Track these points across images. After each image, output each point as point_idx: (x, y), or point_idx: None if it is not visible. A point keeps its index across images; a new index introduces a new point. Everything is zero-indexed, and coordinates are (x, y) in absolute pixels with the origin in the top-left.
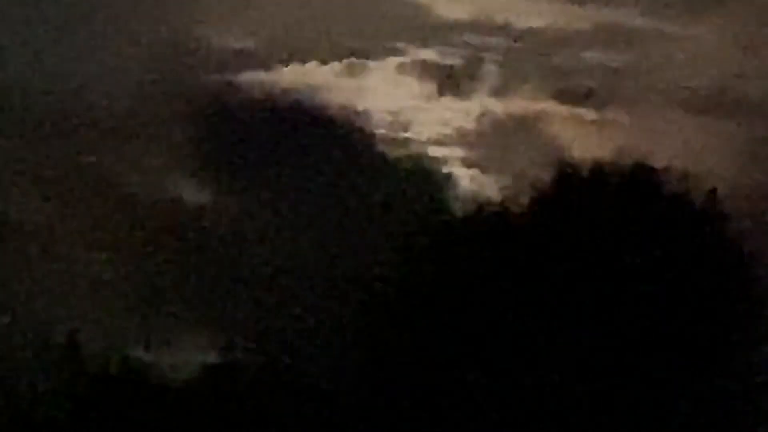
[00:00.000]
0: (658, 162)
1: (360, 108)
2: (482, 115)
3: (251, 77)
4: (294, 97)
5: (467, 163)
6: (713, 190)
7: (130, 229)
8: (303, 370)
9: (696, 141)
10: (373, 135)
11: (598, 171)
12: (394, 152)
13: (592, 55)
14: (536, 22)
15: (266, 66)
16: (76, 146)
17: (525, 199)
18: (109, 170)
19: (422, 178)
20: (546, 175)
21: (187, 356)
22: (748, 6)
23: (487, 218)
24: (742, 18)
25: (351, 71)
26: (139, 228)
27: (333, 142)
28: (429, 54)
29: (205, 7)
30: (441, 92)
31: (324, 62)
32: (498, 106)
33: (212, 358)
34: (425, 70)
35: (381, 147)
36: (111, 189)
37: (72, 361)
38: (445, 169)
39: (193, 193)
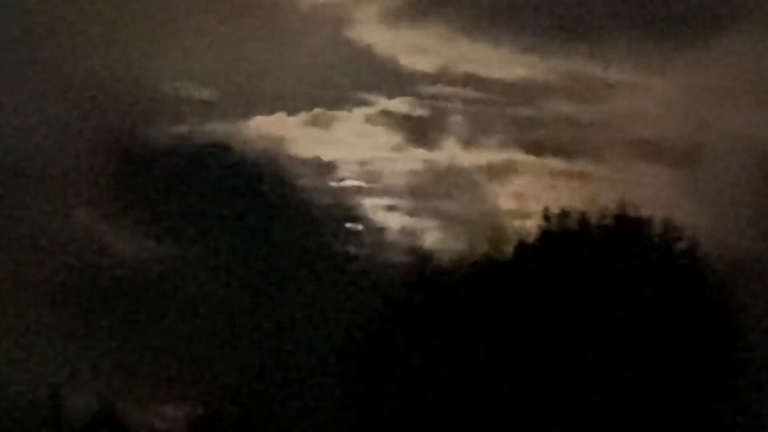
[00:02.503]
0: (631, 212)
1: (327, 159)
2: (450, 165)
3: (214, 128)
4: (258, 149)
5: (436, 214)
6: (693, 239)
7: (71, 282)
8: (284, 420)
9: (666, 190)
10: (340, 186)
11: (582, 221)
12: (361, 202)
13: (559, 106)
14: (502, 74)
15: (230, 117)
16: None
17: (504, 249)
18: (36, 220)
19: (390, 230)
20: (520, 225)
21: (171, 409)
22: (714, 58)
23: (461, 269)
24: (708, 69)
25: (318, 122)
26: (77, 280)
27: (295, 195)
28: (396, 105)
29: (166, 55)
30: (408, 143)
31: (290, 113)
32: (465, 157)
33: (198, 410)
34: (392, 120)
35: (349, 198)
36: (38, 239)
37: (55, 418)
38: (413, 220)
39: (147, 248)
